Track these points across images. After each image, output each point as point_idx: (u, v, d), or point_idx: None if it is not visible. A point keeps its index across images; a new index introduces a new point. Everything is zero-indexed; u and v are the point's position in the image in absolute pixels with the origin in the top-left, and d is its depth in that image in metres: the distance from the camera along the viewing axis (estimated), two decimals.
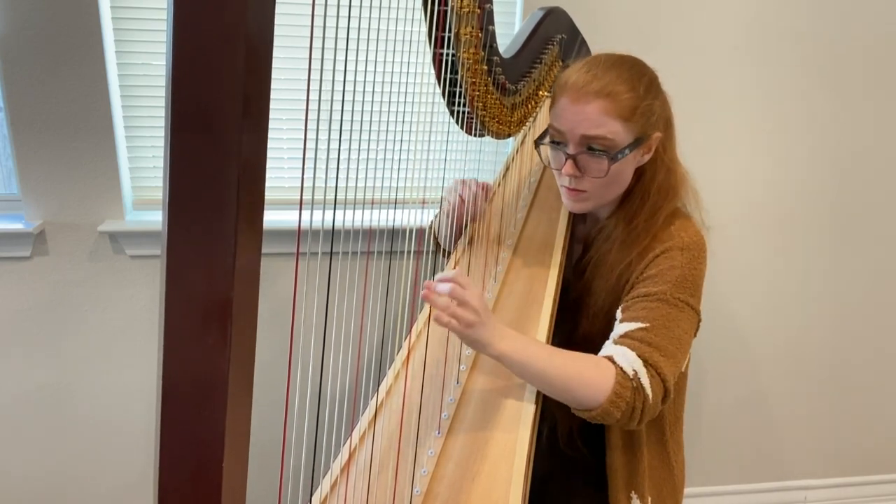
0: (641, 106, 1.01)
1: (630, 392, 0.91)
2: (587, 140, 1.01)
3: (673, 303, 0.99)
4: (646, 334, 0.96)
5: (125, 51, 1.49)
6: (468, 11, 0.90)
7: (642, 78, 1.03)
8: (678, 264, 1.02)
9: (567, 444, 1.19)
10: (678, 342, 0.98)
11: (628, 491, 1.09)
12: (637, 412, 0.92)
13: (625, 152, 1.01)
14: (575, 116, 1.01)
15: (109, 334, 1.61)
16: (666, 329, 0.97)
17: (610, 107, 0.99)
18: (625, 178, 1.07)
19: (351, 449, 0.88)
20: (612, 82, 1.00)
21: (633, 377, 0.92)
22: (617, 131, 1.00)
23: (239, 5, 0.41)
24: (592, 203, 1.09)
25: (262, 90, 0.44)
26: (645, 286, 1.01)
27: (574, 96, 1.01)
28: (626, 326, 0.98)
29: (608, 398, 0.90)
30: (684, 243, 1.04)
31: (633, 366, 0.93)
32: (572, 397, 0.92)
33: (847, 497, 2.13)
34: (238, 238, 0.44)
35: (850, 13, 1.70)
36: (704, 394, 1.96)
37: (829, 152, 1.81)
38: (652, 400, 0.93)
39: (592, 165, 1.03)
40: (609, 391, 0.90)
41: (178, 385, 0.46)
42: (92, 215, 1.53)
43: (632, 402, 0.91)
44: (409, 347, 1.02)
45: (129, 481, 1.72)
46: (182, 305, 0.45)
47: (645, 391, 0.92)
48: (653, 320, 0.97)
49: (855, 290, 1.95)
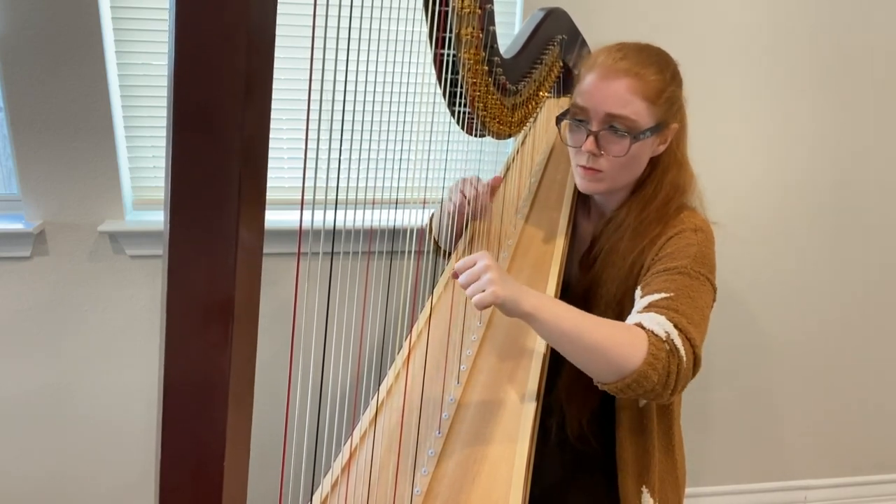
0: (668, 91, 1.03)
1: (665, 354, 0.87)
2: (611, 118, 1.02)
3: (694, 276, 0.98)
4: (671, 302, 0.93)
5: (125, 51, 1.49)
6: (469, 12, 0.90)
7: (669, 65, 1.06)
8: (694, 242, 1.02)
9: (577, 437, 1.16)
10: (702, 313, 0.95)
11: (639, 485, 1.09)
12: (672, 377, 0.87)
13: (646, 134, 1.03)
14: (602, 93, 1.02)
15: (109, 334, 1.61)
16: (690, 299, 0.95)
17: (637, 86, 1.01)
18: (640, 163, 1.08)
19: (352, 448, 0.88)
20: (641, 63, 1.02)
21: (666, 339, 0.88)
22: (641, 112, 1.01)
23: (240, 4, 0.41)
24: (606, 185, 1.09)
25: (264, 89, 0.44)
26: (663, 263, 1.01)
27: (603, 73, 1.02)
28: (650, 298, 0.95)
29: (645, 359, 0.85)
30: (696, 226, 1.05)
31: (665, 328, 0.89)
32: (606, 361, 0.86)
33: (847, 497, 2.13)
34: (239, 237, 0.44)
35: (851, 13, 1.70)
36: (705, 394, 1.96)
37: (830, 152, 1.81)
38: (685, 365, 0.89)
39: (613, 144, 1.04)
40: (645, 352, 0.85)
41: (179, 384, 0.46)
42: (92, 215, 1.53)
43: (667, 364, 0.87)
44: (409, 347, 1.02)
45: (129, 481, 1.72)
46: (183, 305, 0.45)
47: (680, 353, 0.88)
48: (676, 290, 0.95)
49: (856, 291, 1.95)
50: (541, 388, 0.95)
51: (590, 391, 1.13)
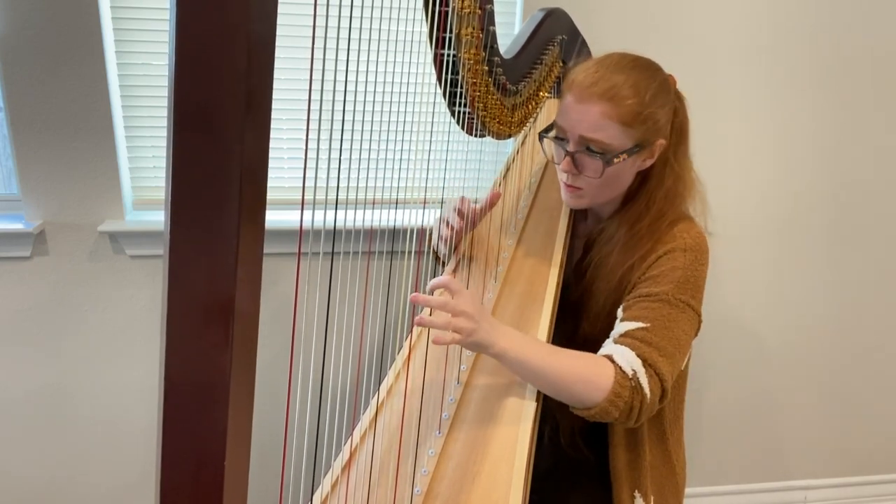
0: (644, 113, 1.00)
1: (629, 391, 0.92)
2: (585, 141, 1.02)
3: (674, 303, 0.99)
4: (646, 334, 0.97)
5: (125, 51, 1.49)
6: (469, 12, 0.90)
7: (651, 84, 1.01)
8: (680, 265, 1.02)
9: (569, 445, 1.19)
10: (677, 343, 0.98)
11: (632, 490, 1.10)
12: (635, 411, 0.93)
13: (620, 157, 1.02)
14: (576, 116, 1.01)
15: (109, 334, 1.61)
16: (666, 329, 0.97)
17: (611, 111, 0.99)
18: (622, 181, 1.08)
19: (352, 448, 0.88)
20: (616, 86, 0.99)
21: (631, 377, 0.92)
22: (615, 136, 1.00)
23: (241, 4, 0.41)
24: (588, 200, 1.10)
25: (264, 89, 0.44)
26: (647, 286, 1.01)
27: (578, 96, 1.01)
28: (627, 325, 0.98)
29: (607, 397, 0.91)
30: (687, 245, 1.04)
31: (633, 365, 0.93)
32: (570, 395, 0.92)
33: (847, 497, 2.13)
34: (240, 238, 0.44)
35: (851, 14, 1.70)
36: (705, 394, 1.96)
37: (831, 152, 1.81)
38: (650, 399, 0.93)
39: (589, 165, 1.04)
40: (608, 390, 0.91)
41: (179, 384, 0.46)
42: (92, 215, 1.53)
43: (629, 401, 0.92)
44: (409, 347, 1.02)
45: (129, 481, 1.72)
46: (184, 305, 0.45)
47: (643, 390, 0.93)
48: (653, 320, 0.98)
49: (856, 292, 1.95)
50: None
51: None
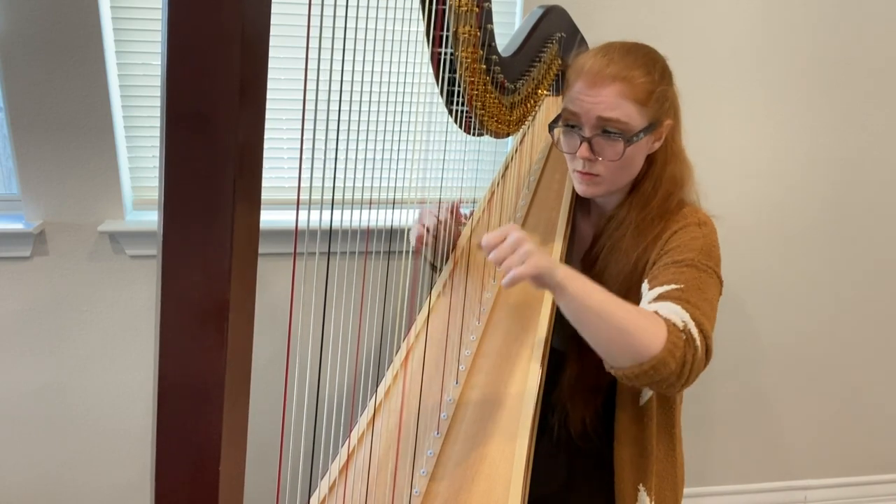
0: (657, 91, 1.03)
1: (683, 343, 0.87)
2: (603, 122, 1.02)
3: (702, 268, 0.98)
4: (682, 293, 0.94)
5: (125, 51, 1.49)
6: (466, 10, 0.90)
7: (656, 64, 1.05)
8: (699, 235, 1.03)
9: (579, 436, 1.16)
10: (711, 304, 0.96)
11: (636, 483, 1.09)
12: (688, 366, 0.88)
13: (640, 136, 1.03)
14: (591, 99, 1.02)
15: (109, 334, 1.61)
16: (699, 290, 0.95)
17: (626, 90, 1.01)
18: (637, 163, 1.08)
19: (349, 450, 0.87)
20: (628, 66, 1.02)
21: (683, 329, 0.89)
22: (632, 114, 1.02)
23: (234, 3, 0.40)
24: (605, 188, 1.09)
25: (259, 87, 0.44)
26: (670, 256, 1.01)
27: (590, 80, 1.02)
28: (660, 289, 0.96)
29: (665, 346, 0.86)
30: (700, 220, 1.06)
31: (682, 318, 0.90)
32: (627, 343, 0.86)
33: (847, 497, 2.12)
34: (234, 238, 0.44)
35: (849, 13, 1.69)
36: (705, 394, 1.95)
37: (828, 151, 1.80)
38: (699, 354, 0.89)
39: (607, 148, 1.04)
40: (664, 339, 0.86)
41: (174, 385, 0.46)
42: (92, 215, 1.53)
43: (684, 353, 0.87)
44: (407, 348, 1.01)
45: (128, 481, 1.72)
46: (178, 305, 0.45)
47: (695, 343, 0.89)
48: (686, 282, 0.96)
49: (856, 290, 1.95)
50: (540, 387, 0.95)
51: (593, 389, 1.12)
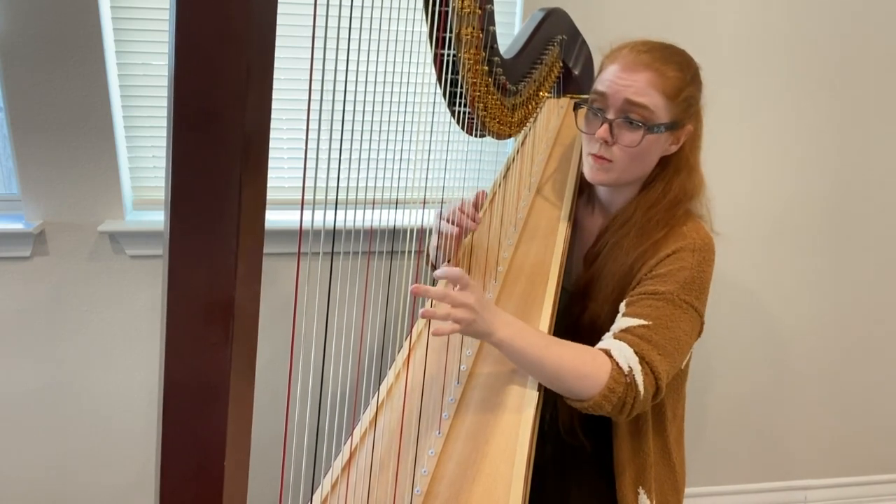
0: (686, 90, 1.05)
1: (623, 387, 0.93)
2: (628, 107, 1.03)
3: (678, 304, 1.00)
4: (646, 332, 0.97)
5: (125, 51, 1.49)
6: (469, 12, 0.90)
7: (690, 67, 1.08)
8: (688, 265, 1.03)
9: (567, 433, 1.19)
10: (677, 343, 0.99)
11: (635, 486, 1.10)
12: (627, 406, 0.94)
13: (661, 128, 1.04)
14: (622, 82, 1.04)
15: (109, 334, 1.61)
16: (667, 329, 0.98)
17: (658, 80, 1.03)
18: (650, 159, 1.08)
19: (352, 448, 0.88)
20: (664, 59, 1.04)
21: (627, 373, 0.94)
22: (658, 106, 1.03)
23: (241, 3, 0.41)
24: (615, 175, 1.09)
25: (264, 89, 0.44)
26: (653, 284, 1.02)
27: (625, 64, 1.04)
28: (628, 321, 0.99)
29: (601, 391, 0.92)
30: (696, 245, 1.05)
31: (630, 362, 0.94)
32: (566, 387, 0.94)
33: (847, 497, 2.13)
34: (240, 238, 0.44)
35: (854, 18, 1.70)
36: (706, 394, 1.96)
37: (834, 155, 1.81)
38: (643, 396, 0.95)
39: (626, 134, 1.05)
40: (603, 385, 0.92)
41: (179, 385, 0.46)
42: (92, 215, 1.53)
43: (623, 396, 0.93)
44: (409, 347, 1.02)
45: (129, 481, 1.72)
46: (184, 305, 0.45)
47: (637, 387, 0.94)
48: (656, 319, 0.98)
49: (855, 291, 1.95)
50: (540, 387, 0.95)
51: None
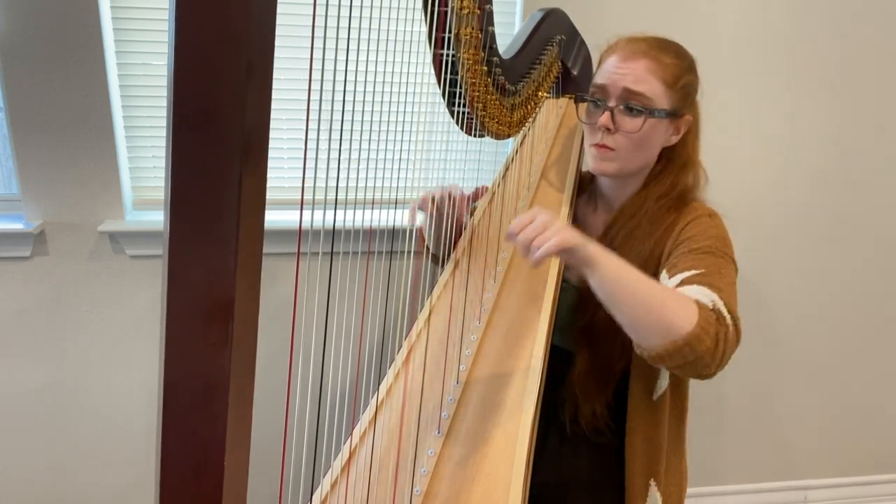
0: (684, 78, 1.07)
1: (714, 320, 0.87)
2: (628, 95, 1.05)
3: (720, 254, 1.00)
4: (705, 278, 0.95)
5: (125, 51, 1.49)
6: (468, 12, 0.90)
7: (686, 57, 1.10)
8: (712, 225, 1.05)
9: (591, 428, 1.14)
10: (732, 288, 0.97)
11: (647, 477, 1.09)
12: (721, 344, 0.87)
13: (661, 113, 1.05)
14: (621, 71, 1.06)
15: (109, 334, 1.61)
16: (720, 275, 0.96)
17: (655, 67, 1.05)
18: (652, 147, 1.10)
19: (351, 448, 0.88)
20: (660, 48, 1.07)
21: (713, 308, 0.89)
22: (657, 93, 1.05)
23: (241, 3, 0.41)
24: (618, 164, 1.10)
25: (264, 88, 0.44)
26: (687, 245, 1.02)
27: (623, 54, 1.07)
28: (682, 275, 0.96)
29: (698, 323, 0.85)
30: (711, 212, 1.09)
31: (711, 297, 0.90)
32: (659, 320, 0.85)
33: (847, 497, 2.13)
34: (240, 238, 0.44)
35: (856, 14, 1.70)
36: (706, 394, 1.96)
37: (836, 152, 1.81)
38: (731, 332, 0.89)
39: (628, 122, 1.06)
40: (697, 317, 0.85)
41: (179, 384, 0.46)
42: (92, 215, 1.53)
43: (717, 331, 0.86)
44: (409, 347, 1.02)
45: (129, 481, 1.72)
46: (183, 305, 0.45)
47: (726, 322, 0.88)
48: (706, 267, 0.97)
49: (855, 292, 1.95)
50: (540, 387, 0.95)
51: (604, 382, 1.12)
